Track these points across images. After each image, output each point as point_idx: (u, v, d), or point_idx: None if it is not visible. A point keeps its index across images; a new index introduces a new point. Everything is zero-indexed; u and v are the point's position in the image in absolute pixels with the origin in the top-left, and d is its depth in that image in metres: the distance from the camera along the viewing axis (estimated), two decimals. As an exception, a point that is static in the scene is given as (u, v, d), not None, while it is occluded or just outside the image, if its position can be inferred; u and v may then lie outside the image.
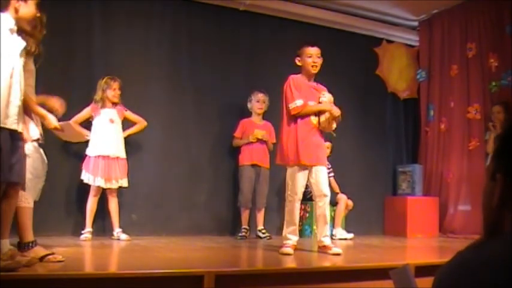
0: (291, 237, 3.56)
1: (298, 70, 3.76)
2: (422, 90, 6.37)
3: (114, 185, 4.38)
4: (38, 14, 2.62)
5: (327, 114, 3.57)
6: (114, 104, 4.52)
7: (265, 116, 5.21)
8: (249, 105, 5.16)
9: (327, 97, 3.63)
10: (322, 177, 3.56)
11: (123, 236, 4.34)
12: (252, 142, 5.00)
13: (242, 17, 5.45)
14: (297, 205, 3.58)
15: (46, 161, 3.00)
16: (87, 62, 4.78)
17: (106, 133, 4.43)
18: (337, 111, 3.60)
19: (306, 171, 3.56)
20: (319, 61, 3.65)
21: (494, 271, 0.76)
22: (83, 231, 4.29)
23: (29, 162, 2.76)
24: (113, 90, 4.46)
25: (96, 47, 4.82)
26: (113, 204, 4.43)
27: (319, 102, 3.63)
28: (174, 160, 5.06)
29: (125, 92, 4.58)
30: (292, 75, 3.70)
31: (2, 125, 2.38)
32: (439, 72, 6.15)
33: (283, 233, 3.63)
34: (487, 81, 5.55)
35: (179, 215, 5.00)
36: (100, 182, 4.32)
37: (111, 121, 4.46)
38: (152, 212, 4.89)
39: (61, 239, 4.05)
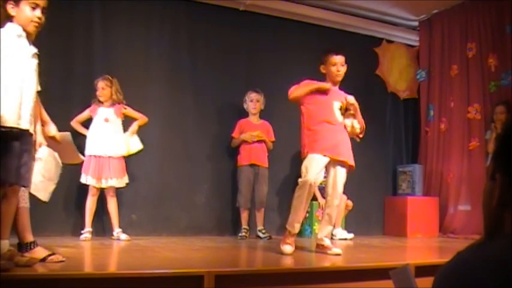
0: (297, 226, 3.47)
1: (299, 71, 3.76)
2: (422, 90, 6.37)
3: (104, 185, 4.36)
4: (36, 17, 2.56)
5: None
6: (115, 102, 4.51)
7: (264, 115, 5.21)
8: (244, 106, 5.16)
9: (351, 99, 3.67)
10: (342, 175, 3.54)
11: (123, 236, 4.34)
12: (248, 142, 5.00)
13: (242, 17, 5.45)
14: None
15: (61, 164, 3.00)
16: (87, 61, 4.78)
17: (99, 132, 4.42)
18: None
19: (324, 167, 3.52)
20: (343, 69, 3.64)
21: (494, 272, 0.76)
22: (82, 231, 4.29)
23: (40, 165, 2.77)
24: (97, 90, 4.47)
25: (96, 47, 4.82)
26: (112, 205, 4.42)
27: (347, 109, 3.62)
28: (174, 160, 5.06)
29: (124, 92, 4.57)
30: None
31: (15, 125, 2.40)
32: (439, 72, 6.15)
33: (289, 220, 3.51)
34: (487, 81, 5.54)
35: (179, 215, 5.00)
36: (91, 181, 4.32)
37: (106, 120, 4.46)
38: (152, 212, 4.89)
39: (61, 239, 4.06)
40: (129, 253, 3.64)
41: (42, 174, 2.82)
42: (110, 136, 4.44)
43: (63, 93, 4.58)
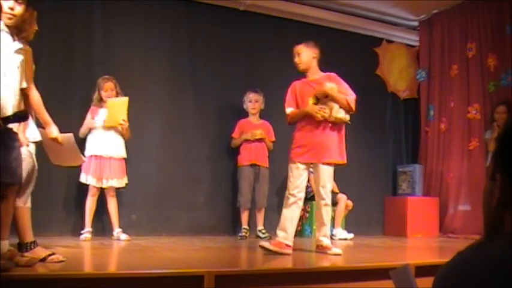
0: (279, 233, 3.43)
1: (299, 71, 3.77)
2: (422, 90, 6.38)
3: (104, 185, 4.37)
4: (7, 8, 2.47)
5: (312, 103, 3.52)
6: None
7: (264, 115, 5.21)
8: (244, 106, 5.17)
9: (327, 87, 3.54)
10: (320, 176, 3.51)
11: (123, 236, 4.34)
12: (250, 141, 5.00)
13: (242, 17, 5.45)
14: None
15: (36, 166, 2.94)
16: (87, 61, 4.78)
17: (100, 133, 4.42)
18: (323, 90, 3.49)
19: (305, 170, 3.53)
20: (299, 58, 3.64)
21: (494, 272, 0.76)
22: (82, 231, 4.29)
23: (23, 165, 2.73)
24: (105, 91, 4.44)
25: (96, 47, 4.83)
26: (112, 205, 4.42)
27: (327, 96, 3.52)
28: (174, 160, 5.06)
29: (124, 92, 4.57)
30: (294, 81, 3.73)
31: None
32: (439, 72, 6.16)
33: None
34: (487, 81, 5.55)
35: (179, 215, 5.01)
36: (92, 181, 4.33)
37: None
38: (152, 212, 4.89)
39: (61, 239, 4.05)
40: (129, 253, 3.64)
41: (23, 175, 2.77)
42: (111, 137, 4.44)
43: (63, 93, 4.58)
